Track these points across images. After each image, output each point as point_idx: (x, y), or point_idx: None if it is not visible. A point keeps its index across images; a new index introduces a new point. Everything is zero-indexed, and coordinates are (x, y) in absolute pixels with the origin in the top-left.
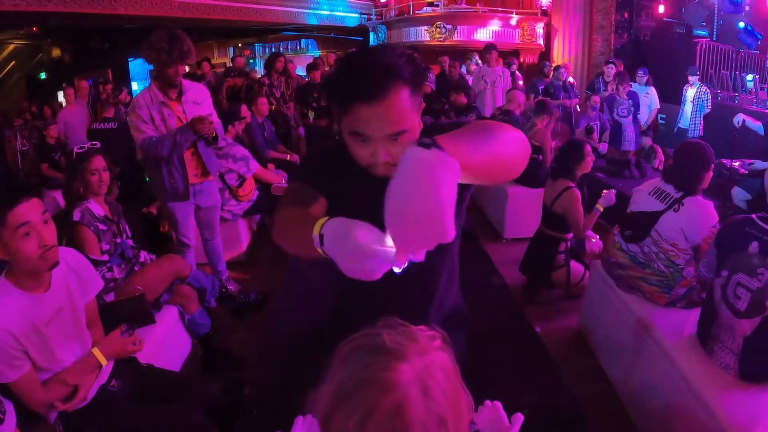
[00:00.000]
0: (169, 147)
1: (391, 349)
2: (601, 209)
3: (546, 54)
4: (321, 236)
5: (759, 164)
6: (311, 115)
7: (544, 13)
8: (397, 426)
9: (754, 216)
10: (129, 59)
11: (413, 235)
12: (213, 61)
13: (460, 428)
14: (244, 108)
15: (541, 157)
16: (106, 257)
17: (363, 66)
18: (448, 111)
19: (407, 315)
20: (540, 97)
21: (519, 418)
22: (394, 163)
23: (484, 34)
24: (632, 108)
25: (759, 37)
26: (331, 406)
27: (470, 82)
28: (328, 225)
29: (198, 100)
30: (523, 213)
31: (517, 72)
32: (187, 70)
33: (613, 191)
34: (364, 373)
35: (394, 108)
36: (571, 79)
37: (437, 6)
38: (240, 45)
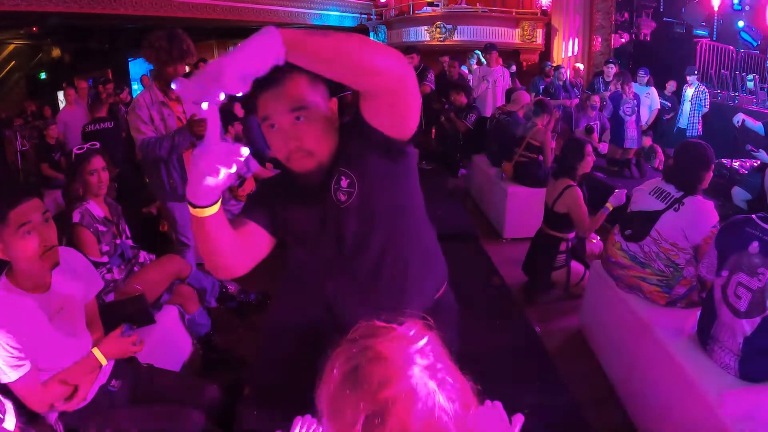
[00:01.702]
0: (168, 148)
1: (377, 366)
2: (611, 208)
3: (546, 54)
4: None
5: (763, 155)
6: None
7: (544, 13)
8: None
9: (754, 216)
10: (129, 59)
11: (207, 68)
12: None
13: (465, 402)
14: (237, 106)
15: (541, 157)
16: (105, 258)
17: None
18: (448, 111)
19: (387, 302)
20: (539, 97)
21: (519, 418)
22: (306, 149)
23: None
24: (636, 107)
25: (755, 43)
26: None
27: (471, 82)
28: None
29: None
30: (523, 213)
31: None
32: (188, 71)
33: (624, 191)
34: (355, 397)
35: (290, 90)
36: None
37: (437, 6)
38: None
